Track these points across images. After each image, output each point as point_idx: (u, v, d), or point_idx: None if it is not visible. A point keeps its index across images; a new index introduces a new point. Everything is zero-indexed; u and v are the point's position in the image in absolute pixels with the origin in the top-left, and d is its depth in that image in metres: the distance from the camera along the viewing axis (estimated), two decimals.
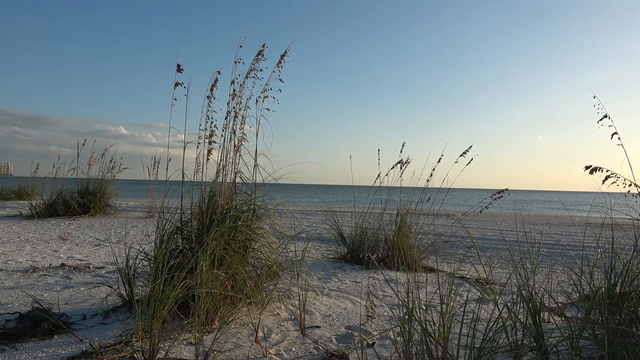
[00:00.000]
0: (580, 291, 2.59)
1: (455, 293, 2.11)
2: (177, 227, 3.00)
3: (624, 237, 2.72)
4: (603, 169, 2.39)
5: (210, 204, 3.02)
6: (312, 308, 3.18)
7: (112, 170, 9.92)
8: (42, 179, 11.62)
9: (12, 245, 5.61)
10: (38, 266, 4.28)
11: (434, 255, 5.07)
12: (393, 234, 4.84)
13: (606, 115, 2.51)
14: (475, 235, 8.07)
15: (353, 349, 2.39)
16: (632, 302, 2.27)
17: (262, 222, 3.26)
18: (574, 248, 6.47)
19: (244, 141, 3.24)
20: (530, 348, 2.09)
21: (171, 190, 3.11)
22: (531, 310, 2.09)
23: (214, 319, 2.61)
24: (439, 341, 1.95)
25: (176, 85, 2.83)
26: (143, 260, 3.06)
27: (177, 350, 2.29)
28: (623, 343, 1.95)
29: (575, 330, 2.02)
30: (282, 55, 3.22)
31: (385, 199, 5.11)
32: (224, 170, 3.17)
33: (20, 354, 2.23)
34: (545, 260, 5.32)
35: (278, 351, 2.37)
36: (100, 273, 4.11)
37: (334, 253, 5.33)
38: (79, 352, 2.23)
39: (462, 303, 2.59)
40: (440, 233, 7.43)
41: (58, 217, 8.88)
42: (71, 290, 3.47)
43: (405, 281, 2.27)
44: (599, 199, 2.66)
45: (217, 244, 2.74)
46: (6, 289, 3.45)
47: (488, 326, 1.89)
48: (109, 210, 9.88)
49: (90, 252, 5.22)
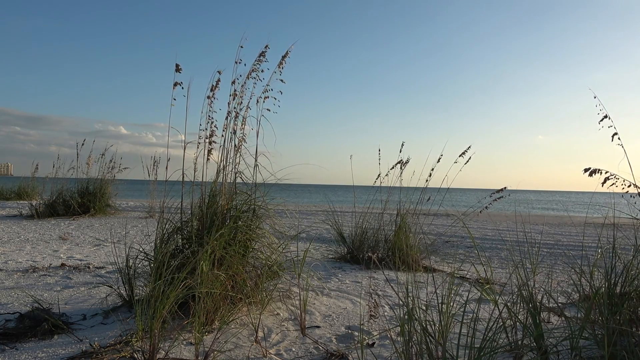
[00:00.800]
0: (580, 291, 2.59)
1: (455, 293, 2.11)
2: (177, 227, 3.00)
3: (624, 237, 2.72)
4: (602, 170, 2.39)
5: (211, 204, 3.02)
6: (312, 308, 3.18)
7: (112, 170, 9.93)
8: (42, 179, 11.62)
9: (12, 245, 5.61)
10: (38, 266, 4.28)
11: (434, 255, 5.07)
12: (393, 234, 4.84)
13: (606, 115, 2.51)
14: (475, 235, 8.07)
15: (353, 349, 2.39)
16: (632, 302, 2.27)
17: (263, 222, 3.26)
18: (574, 248, 6.47)
19: (244, 141, 3.25)
20: (530, 348, 2.09)
21: (171, 190, 3.11)
22: (531, 310, 2.09)
23: (214, 319, 2.61)
24: (438, 341, 1.96)
25: (175, 85, 2.83)
26: (143, 260, 3.06)
27: (177, 350, 2.29)
28: (623, 343, 1.95)
29: (575, 330, 2.02)
30: (284, 56, 3.23)
31: (385, 199, 5.11)
32: (224, 171, 3.17)
33: (20, 354, 2.23)
34: (545, 260, 5.32)
35: (278, 351, 2.37)
36: (100, 273, 4.11)
37: (334, 253, 5.33)
38: (79, 352, 2.23)
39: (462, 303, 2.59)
40: (440, 233, 7.43)
41: (58, 217, 8.88)
42: (71, 290, 3.47)
43: (405, 281, 2.27)
44: (599, 199, 2.66)
45: (218, 244, 2.74)
46: (6, 289, 3.45)
47: (488, 326, 1.89)
48: (109, 210, 9.88)
49: (90, 252, 5.22)
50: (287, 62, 3.23)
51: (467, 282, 3.90)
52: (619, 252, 2.43)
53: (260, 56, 3.16)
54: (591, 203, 2.79)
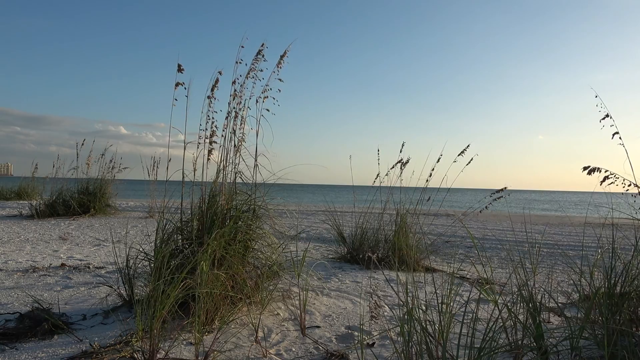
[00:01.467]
0: (580, 291, 2.59)
1: (455, 293, 2.11)
2: (177, 227, 3.00)
3: (623, 237, 2.72)
4: (601, 169, 2.39)
5: (211, 204, 3.02)
6: (312, 308, 3.18)
7: (112, 170, 9.92)
8: (42, 179, 11.63)
9: (12, 245, 5.61)
10: (38, 266, 4.28)
11: (434, 255, 5.07)
12: (393, 234, 4.84)
13: (607, 114, 2.51)
14: (475, 235, 8.07)
15: (353, 349, 2.39)
16: (632, 302, 2.27)
17: (263, 222, 3.26)
18: (573, 248, 6.47)
19: (244, 141, 3.25)
20: (530, 348, 2.09)
21: (171, 190, 3.11)
22: (531, 310, 2.09)
23: (214, 319, 2.61)
24: (438, 341, 1.96)
25: (177, 85, 2.83)
26: (143, 260, 3.06)
27: (177, 350, 2.29)
28: (623, 343, 1.96)
29: (575, 330, 2.02)
30: (282, 56, 3.23)
31: (385, 199, 5.11)
32: (224, 171, 3.17)
33: (20, 354, 2.23)
34: (545, 260, 5.32)
35: (278, 351, 2.37)
36: (100, 273, 4.11)
37: (334, 253, 5.33)
38: (79, 352, 2.23)
39: (462, 303, 2.59)
40: (440, 233, 7.43)
41: (58, 217, 8.88)
42: (71, 290, 3.47)
43: (405, 281, 2.27)
44: (599, 199, 2.66)
45: (218, 244, 2.74)
46: (6, 289, 3.45)
47: (488, 326, 1.89)
48: (109, 210, 9.88)
49: (90, 252, 5.22)
50: (286, 62, 3.23)
51: (467, 282, 3.90)
52: (618, 252, 2.43)
53: (258, 55, 3.16)
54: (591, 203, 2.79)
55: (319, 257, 5.22)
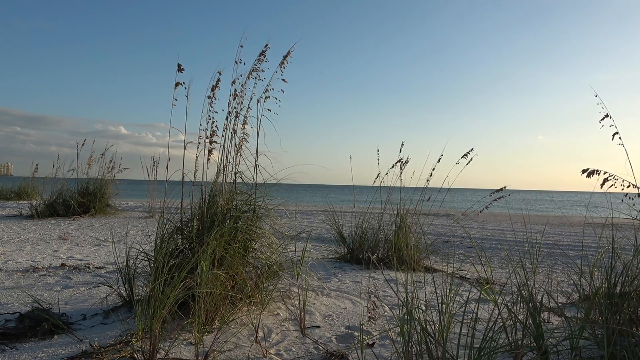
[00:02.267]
0: (580, 291, 2.59)
1: (455, 293, 2.11)
2: (177, 227, 3.00)
3: (623, 237, 2.72)
4: (600, 171, 2.39)
5: (211, 204, 3.02)
6: (312, 308, 3.18)
7: (112, 170, 9.92)
8: (42, 179, 11.62)
9: (12, 245, 5.62)
10: (38, 266, 4.28)
11: (434, 255, 5.07)
12: (393, 234, 4.84)
13: (607, 114, 2.51)
14: (475, 235, 8.07)
15: (353, 349, 2.39)
16: (632, 302, 2.27)
17: (263, 222, 3.26)
18: (573, 248, 6.47)
19: (244, 142, 3.25)
20: (530, 348, 2.09)
21: (171, 190, 3.11)
22: (531, 310, 2.09)
23: (214, 319, 2.61)
24: (438, 341, 1.96)
25: (177, 85, 2.83)
26: (143, 260, 3.06)
27: (177, 350, 2.29)
28: (623, 343, 1.96)
29: (575, 330, 2.02)
30: (285, 56, 3.23)
31: (385, 199, 5.11)
32: (224, 171, 3.17)
33: (20, 354, 2.23)
34: (545, 260, 5.32)
35: (278, 351, 2.37)
36: (100, 273, 4.11)
37: (334, 253, 5.33)
38: (79, 352, 2.23)
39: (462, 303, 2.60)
40: (440, 233, 7.43)
41: (58, 217, 8.88)
42: (71, 290, 3.47)
43: (405, 281, 2.27)
44: (598, 199, 2.66)
45: (218, 244, 2.74)
46: (6, 289, 3.45)
47: (488, 326, 1.89)
48: (109, 210, 9.88)
49: (90, 252, 5.22)
50: (289, 62, 3.23)
51: (467, 282, 3.90)
52: (618, 252, 2.43)
53: (261, 55, 3.16)
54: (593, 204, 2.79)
55: (319, 257, 5.22)
